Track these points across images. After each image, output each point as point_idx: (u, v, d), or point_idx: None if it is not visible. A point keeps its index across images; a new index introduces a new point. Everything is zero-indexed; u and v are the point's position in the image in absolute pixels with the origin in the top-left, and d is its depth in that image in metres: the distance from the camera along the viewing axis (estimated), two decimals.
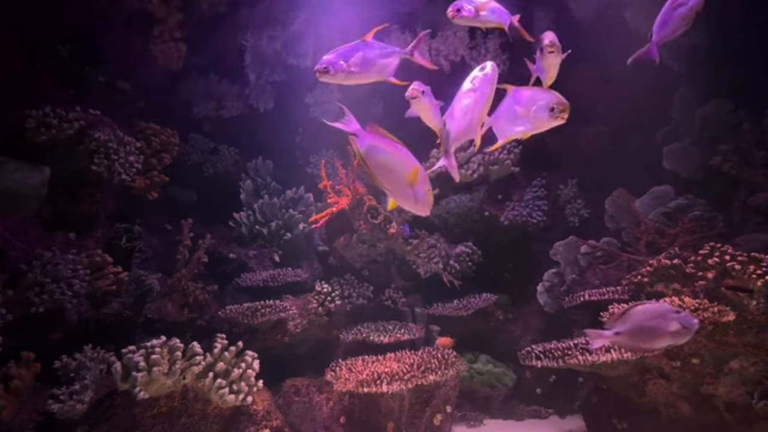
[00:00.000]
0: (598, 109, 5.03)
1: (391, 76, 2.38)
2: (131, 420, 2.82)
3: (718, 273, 3.18)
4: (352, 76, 2.27)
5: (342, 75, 2.24)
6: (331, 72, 2.23)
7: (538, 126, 2.32)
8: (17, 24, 3.68)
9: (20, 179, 3.36)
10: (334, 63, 2.24)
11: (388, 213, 4.13)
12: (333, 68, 2.23)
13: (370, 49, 2.33)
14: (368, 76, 2.33)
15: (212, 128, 5.50)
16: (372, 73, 2.33)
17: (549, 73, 2.56)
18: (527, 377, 4.36)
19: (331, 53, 2.27)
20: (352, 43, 2.30)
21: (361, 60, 2.27)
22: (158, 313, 3.85)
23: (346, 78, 2.26)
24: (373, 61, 2.32)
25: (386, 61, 2.37)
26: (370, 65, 2.31)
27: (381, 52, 2.36)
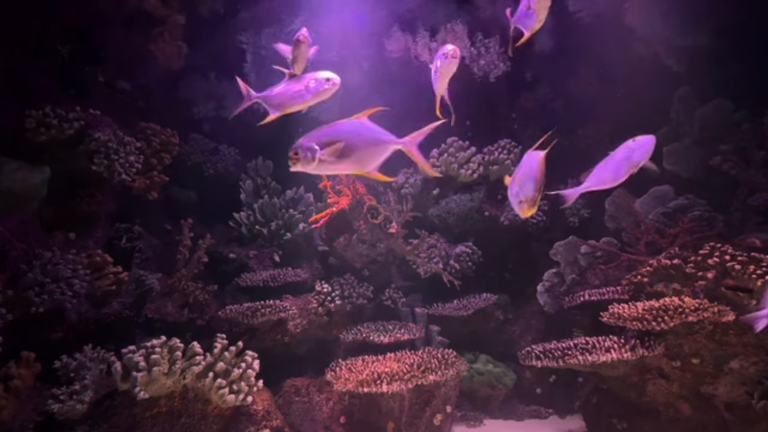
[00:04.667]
0: (598, 109, 5.04)
1: (377, 170, 2.06)
2: (131, 420, 2.82)
3: (718, 273, 3.18)
4: (325, 167, 1.96)
5: (312, 165, 1.94)
6: (301, 160, 1.93)
7: None
8: (17, 24, 3.68)
9: (20, 179, 3.36)
10: (304, 149, 1.93)
11: (387, 213, 4.13)
12: (303, 156, 1.93)
13: (360, 133, 2.00)
14: (348, 168, 2.02)
15: (212, 128, 5.50)
16: (353, 164, 2.00)
17: (538, 15, 2.46)
18: (527, 377, 4.36)
19: (308, 135, 1.95)
20: (339, 121, 1.99)
21: (342, 149, 1.94)
22: (158, 313, 3.85)
23: (318, 168, 1.96)
24: (358, 150, 1.98)
25: (374, 151, 2.03)
26: (351, 155, 1.97)
27: (372, 138, 2.02)
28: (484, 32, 5.11)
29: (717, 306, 3.03)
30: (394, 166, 5.23)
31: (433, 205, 4.89)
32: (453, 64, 2.52)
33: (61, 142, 3.54)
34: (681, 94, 4.70)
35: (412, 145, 2.11)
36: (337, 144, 1.93)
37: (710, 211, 4.15)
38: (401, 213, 4.11)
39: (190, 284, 4.00)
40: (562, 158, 5.20)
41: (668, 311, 3.07)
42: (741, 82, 4.37)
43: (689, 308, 3.03)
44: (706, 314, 2.97)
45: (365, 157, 2.01)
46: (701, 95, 4.62)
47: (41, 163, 3.45)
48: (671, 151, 4.67)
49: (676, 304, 3.09)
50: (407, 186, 4.78)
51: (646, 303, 3.27)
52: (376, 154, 2.04)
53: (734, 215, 4.22)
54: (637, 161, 2.23)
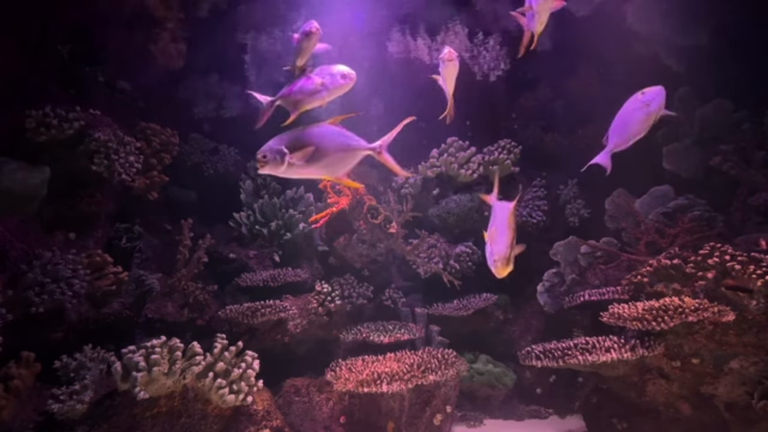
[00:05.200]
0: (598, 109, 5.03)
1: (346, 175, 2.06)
2: (131, 420, 2.82)
3: (718, 273, 3.18)
4: (294, 171, 1.95)
5: (281, 169, 1.92)
6: (270, 163, 1.92)
7: None
8: (17, 24, 3.68)
9: (20, 179, 3.36)
10: (273, 152, 1.92)
11: (387, 213, 4.13)
12: (271, 158, 1.91)
13: (330, 138, 2.00)
14: (317, 172, 2.01)
15: (212, 128, 5.50)
16: (322, 169, 2.00)
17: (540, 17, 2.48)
18: (527, 377, 4.36)
19: (278, 138, 1.95)
20: (310, 126, 1.99)
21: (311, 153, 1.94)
22: (158, 313, 3.85)
23: (287, 172, 1.95)
24: (328, 155, 1.98)
25: (344, 156, 2.03)
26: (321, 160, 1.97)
27: (342, 143, 2.02)
28: (484, 32, 5.11)
29: (717, 306, 3.03)
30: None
31: (433, 205, 4.89)
32: (453, 66, 2.53)
33: (61, 142, 3.53)
34: (681, 94, 4.69)
35: (382, 149, 2.11)
36: (307, 148, 1.93)
37: (710, 211, 4.15)
38: (401, 213, 4.11)
39: (190, 284, 4.00)
40: (562, 158, 5.24)
41: (668, 311, 3.07)
42: (741, 82, 4.37)
43: (689, 308, 3.03)
44: (706, 314, 2.97)
45: (335, 162, 2.02)
46: (701, 95, 4.62)
47: (41, 163, 3.45)
48: (671, 151, 4.67)
49: (676, 304, 3.09)
50: (407, 186, 4.79)
51: (646, 303, 3.27)
52: (346, 159, 2.04)
53: (734, 215, 4.22)
54: (655, 111, 2.26)
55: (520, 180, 5.06)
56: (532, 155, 5.08)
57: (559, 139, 5.34)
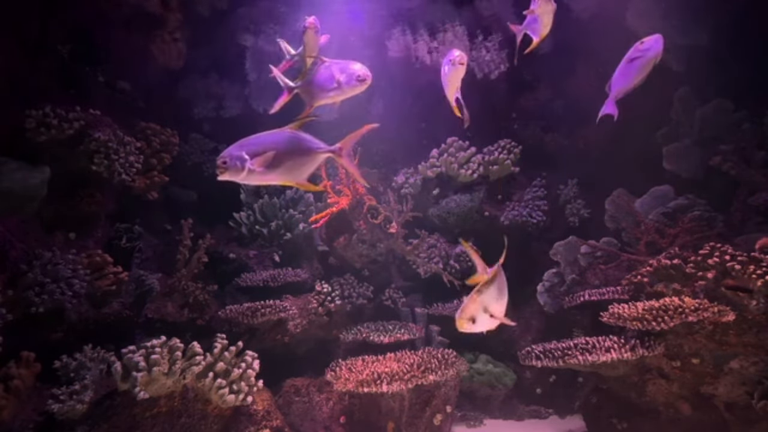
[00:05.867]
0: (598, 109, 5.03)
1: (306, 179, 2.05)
2: (131, 420, 2.82)
3: (718, 273, 3.18)
4: (254, 177, 1.93)
5: (241, 175, 1.90)
6: (230, 169, 1.89)
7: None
8: (17, 24, 3.68)
9: (20, 179, 3.36)
10: (233, 158, 1.89)
11: (387, 213, 4.13)
12: (231, 165, 1.89)
13: (290, 142, 1.98)
14: (277, 178, 1.99)
15: (212, 128, 5.50)
16: (283, 174, 1.98)
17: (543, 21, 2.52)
18: (527, 377, 4.36)
19: (237, 144, 1.93)
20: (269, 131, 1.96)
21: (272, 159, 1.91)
22: (158, 313, 3.85)
23: (247, 179, 1.93)
24: (288, 160, 1.96)
25: (304, 160, 2.02)
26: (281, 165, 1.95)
27: (302, 147, 2.00)
28: (484, 32, 5.11)
29: (717, 306, 3.03)
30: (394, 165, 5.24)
31: (433, 205, 4.89)
32: (460, 71, 2.53)
33: (61, 142, 3.53)
34: (681, 94, 4.69)
35: (343, 152, 2.10)
36: (267, 154, 1.91)
37: (710, 211, 4.15)
38: (401, 213, 4.11)
39: (190, 284, 4.00)
40: (562, 158, 5.24)
41: (668, 311, 3.07)
42: (741, 82, 4.37)
43: (689, 308, 3.03)
44: (706, 314, 2.97)
45: (295, 167, 2.00)
46: (701, 95, 4.62)
47: (41, 163, 3.45)
48: (671, 151, 4.67)
49: (676, 304, 3.09)
50: (407, 186, 4.79)
51: (646, 303, 3.27)
52: (306, 163, 2.03)
53: (734, 215, 4.22)
54: (652, 57, 2.40)
55: (520, 180, 5.06)
56: (532, 155, 5.08)
57: (559, 139, 5.33)
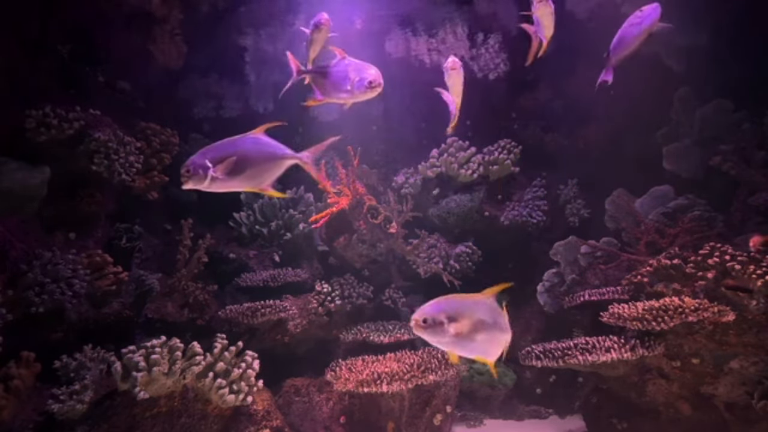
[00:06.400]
0: (598, 109, 5.03)
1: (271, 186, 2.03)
2: (131, 420, 2.82)
3: (718, 273, 3.18)
4: (218, 184, 1.91)
5: (205, 183, 1.89)
6: (193, 177, 1.88)
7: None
8: (17, 24, 3.68)
9: (20, 179, 3.36)
10: (195, 166, 1.88)
11: (387, 213, 4.13)
12: (194, 172, 1.87)
13: (254, 148, 1.97)
14: (241, 185, 1.98)
15: (212, 128, 5.50)
16: (247, 180, 1.97)
17: (544, 24, 2.55)
18: (527, 377, 4.36)
19: (201, 151, 1.92)
20: (234, 137, 1.96)
21: (234, 165, 1.90)
22: (158, 313, 3.85)
23: (211, 186, 1.91)
24: (251, 166, 1.95)
25: (268, 167, 2.00)
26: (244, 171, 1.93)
27: (267, 153, 1.98)
28: (484, 32, 5.11)
29: (717, 306, 3.03)
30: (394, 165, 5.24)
31: (433, 205, 4.89)
32: (457, 75, 2.53)
33: (61, 142, 3.53)
34: (681, 94, 4.69)
35: (309, 160, 2.09)
36: (228, 160, 1.89)
37: (710, 211, 4.15)
38: (401, 213, 4.11)
39: (190, 284, 4.00)
40: (562, 158, 5.24)
41: (668, 311, 3.07)
42: (741, 82, 4.37)
43: (689, 308, 3.03)
44: (706, 314, 2.97)
45: (260, 173, 1.98)
46: (701, 95, 4.62)
47: (41, 163, 3.45)
48: (671, 151, 4.67)
49: (676, 304, 3.09)
50: (407, 186, 4.79)
51: (646, 303, 3.27)
52: (271, 169, 2.00)
53: (734, 215, 4.22)
54: (648, 26, 2.52)
55: (520, 180, 5.06)
56: (532, 155, 5.08)
57: (559, 139, 5.34)
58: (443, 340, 1.79)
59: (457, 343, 1.80)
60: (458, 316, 1.79)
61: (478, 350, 1.86)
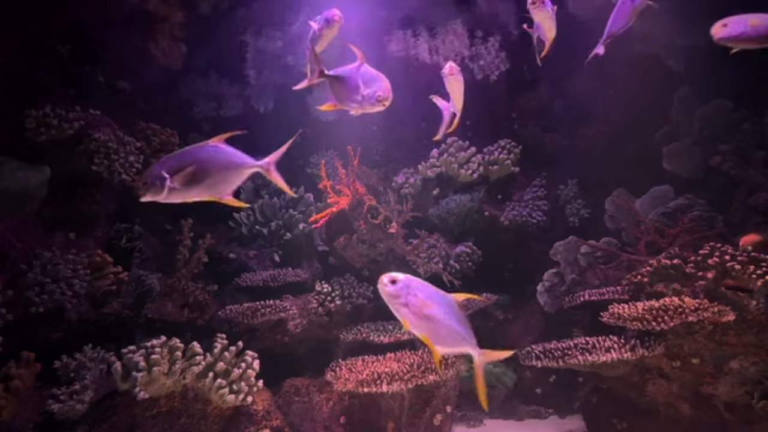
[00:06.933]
0: (598, 109, 5.04)
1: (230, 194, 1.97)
2: (131, 420, 2.82)
3: (718, 273, 3.18)
4: (177, 195, 1.86)
5: (162, 194, 1.85)
6: (150, 189, 1.84)
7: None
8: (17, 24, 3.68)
9: (20, 179, 3.36)
10: (152, 177, 1.84)
11: (387, 213, 4.13)
12: (151, 184, 1.83)
13: (213, 157, 1.91)
14: (200, 195, 1.92)
15: (212, 128, 5.50)
16: (206, 190, 1.91)
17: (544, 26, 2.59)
18: (527, 377, 4.36)
19: (159, 162, 1.88)
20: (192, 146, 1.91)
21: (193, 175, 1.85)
22: (158, 313, 3.84)
23: (170, 197, 1.87)
24: (211, 175, 1.89)
25: (228, 175, 1.94)
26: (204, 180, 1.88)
27: (226, 161, 1.93)
28: (484, 32, 5.11)
29: (717, 306, 3.03)
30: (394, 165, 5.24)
31: (433, 205, 4.89)
32: (456, 81, 2.53)
33: (61, 142, 3.53)
34: (681, 94, 4.70)
35: (270, 166, 2.04)
36: (186, 170, 1.84)
37: (710, 211, 4.15)
38: (401, 213, 4.11)
39: (190, 284, 4.00)
40: (562, 158, 5.24)
41: (668, 311, 3.07)
42: (741, 81, 4.37)
43: (689, 308, 3.03)
44: (706, 314, 2.97)
45: (219, 182, 1.93)
46: (701, 95, 4.62)
47: (41, 163, 3.45)
48: (671, 151, 4.67)
49: (676, 304, 3.09)
50: (407, 186, 4.78)
51: (646, 303, 3.27)
52: (231, 178, 1.95)
53: (734, 215, 4.22)
54: (639, 5, 2.62)
55: (520, 180, 5.06)
56: (532, 155, 5.08)
57: (559, 139, 5.34)
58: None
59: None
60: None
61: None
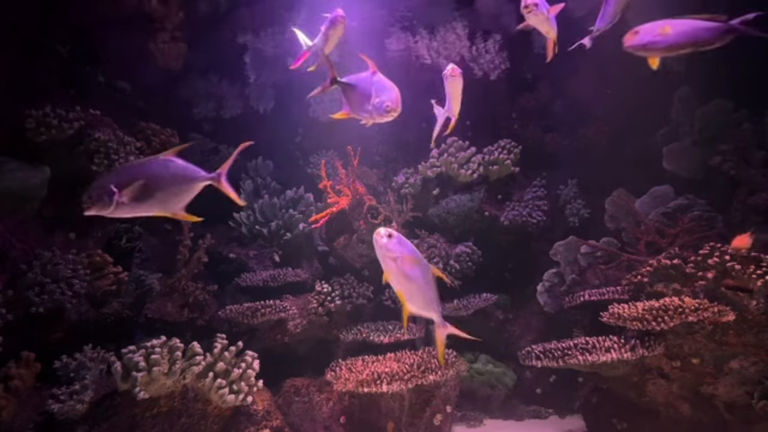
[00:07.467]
0: (598, 109, 5.03)
1: (183, 209, 1.92)
2: (131, 420, 2.82)
3: (718, 273, 3.18)
4: (125, 210, 1.80)
5: (110, 209, 1.77)
6: (96, 204, 1.77)
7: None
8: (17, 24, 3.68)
9: (20, 179, 3.36)
10: (99, 192, 1.77)
11: (387, 213, 4.13)
12: (96, 198, 1.77)
13: (163, 171, 1.86)
14: (150, 210, 1.86)
15: (212, 128, 5.50)
16: (156, 205, 1.85)
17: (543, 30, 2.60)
18: (527, 377, 4.36)
19: (106, 175, 1.84)
20: (142, 159, 1.88)
21: (142, 189, 1.79)
22: (158, 313, 3.85)
23: (116, 212, 1.80)
24: (161, 190, 1.84)
25: (179, 190, 1.89)
26: (154, 195, 1.82)
27: (176, 175, 1.87)
28: (484, 32, 5.11)
29: (717, 306, 3.03)
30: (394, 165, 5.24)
31: (433, 205, 4.89)
32: (457, 82, 2.52)
33: (61, 142, 3.53)
34: (681, 94, 4.69)
35: (221, 177, 2.01)
36: (135, 184, 1.78)
37: (710, 211, 4.15)
38: (401, 213, 4.11)
39: (190, 284, 4.00)
40: (562, 158, 5.24)
41: (668, 311, 3.07)
42: (741, 82, 4.37)
43: (689, 308, 3.03)
44: (706, 314, 2.97)
45: (170, 197, 1.88)
46: (701, 95, 4.62)
47: (41, 163, 3.45)
48: (671, 151, 4.67)
49: (676, 304, 3.09)
50: (407, 186, 4.79)
51: (646, 303, 3.27)
52: (181, 193, 1.90)
53: (734, 215, 4.22)
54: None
55: (520, 180, 5.06)
56: (532, 155, 5.08)
57: (559, 139, 5.34)
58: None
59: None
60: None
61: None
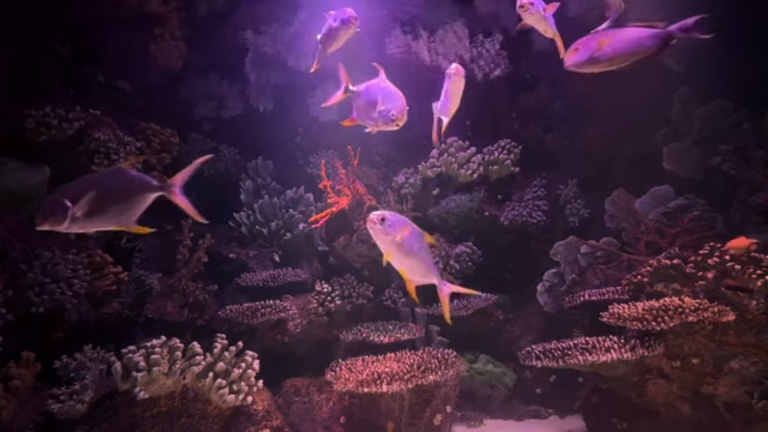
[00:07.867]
0: (598, 109, 5.03)
1: (135, 222, 1.89)
2: (131, 420, 2.82)
3: (718, 273, 3.18)
4: (80, 224, 1.77)
5: (64, 224, 1.74)
6: (49, 219, 1.74)
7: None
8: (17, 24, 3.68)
9: (20, 179, 3.36)
10: (52, 206, 1.74)
11: None
12: (50, 213, 1.73)
13: (116, 183, 1.85)
14: (106, 223, 1.86)
15: (212, 128, 5.50)
16: (111, 218, 1.84)
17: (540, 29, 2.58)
18: (527, 377, 4.36)
19: (60, 190, 1.78)
20: (94, 173, 1.88)
21: (95, 202, 1.76)
22: (158, 313, 3.85)
23: (72, 227, 1.77)
24: (115, 202, 1.82)
25: (133, 201, 1.87)
26: (108, 208, 1.80)
27: (128, 186, 1.86)
28: (484, 32, 5.11)
29: (717, 306, 3.03)
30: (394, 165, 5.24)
31: (433, 205, 4.89)
32: (459, 81, 2.52)
33: (61, 142, 3.53)
34: (681, 94, 4.69)
35: (174, 188, 1.97)
36: (87, 196, 1.74)
37: (710, 211, 4.15)
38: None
39: (190, 284, 4.00)
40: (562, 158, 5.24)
41: (668, 311, 3.07)
42: (741, 82, 4.37)
43: (689, 308, 3.03)
44: (706, 314, 2.97)
45: (124, 209, 1.86)
46: (701, 95, 4.62)
47: (41, 163, 3.45)
48: (671, 151, 4.67)
49: (676, 304, 3.09)
50: (407, 186, 4.79)
51: (646, 303, 3.27)
52: (135, 204, 1.88)
53: (734, 215, 4.22)
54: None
55: (520, 180, 5.06)
56: (532, 155, 5.08)
57: (559, 139, 5.34)
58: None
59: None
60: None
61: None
